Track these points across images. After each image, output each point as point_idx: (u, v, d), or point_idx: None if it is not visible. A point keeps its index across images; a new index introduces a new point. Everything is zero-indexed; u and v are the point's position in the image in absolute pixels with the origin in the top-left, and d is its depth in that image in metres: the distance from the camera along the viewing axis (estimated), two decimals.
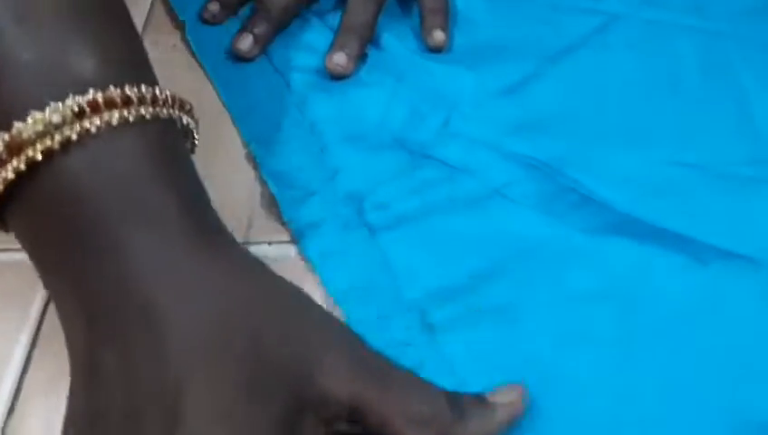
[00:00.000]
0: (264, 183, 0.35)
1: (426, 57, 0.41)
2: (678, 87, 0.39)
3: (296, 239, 0.33)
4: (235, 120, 0.38)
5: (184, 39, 0.42)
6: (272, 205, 0.34)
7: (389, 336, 0.30)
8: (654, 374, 0.29)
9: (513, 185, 0.35)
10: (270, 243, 0.33)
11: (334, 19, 0.42)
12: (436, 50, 0.40)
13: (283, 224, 0.34)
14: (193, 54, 0.41)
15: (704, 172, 0.35)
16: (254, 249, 0.31)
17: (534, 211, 0.34)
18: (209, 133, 0.36)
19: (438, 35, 0.40)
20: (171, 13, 0.44)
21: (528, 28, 0.42)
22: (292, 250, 0.33)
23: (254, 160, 0.36)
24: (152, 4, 0.44)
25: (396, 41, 0.41)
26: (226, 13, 0.42)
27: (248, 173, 0.36)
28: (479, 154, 0.36)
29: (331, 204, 0.34)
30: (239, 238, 0.32)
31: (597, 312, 0.30)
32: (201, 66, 0.40)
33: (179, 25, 0.43)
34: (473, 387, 0.27)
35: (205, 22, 0.42)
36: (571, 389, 0.28)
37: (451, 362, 0.29)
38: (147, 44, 0.29)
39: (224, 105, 0.39)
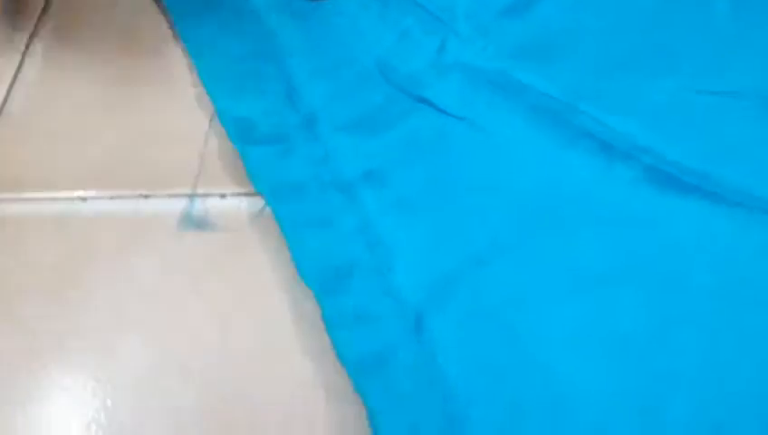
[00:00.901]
0: (218, 127, 0.30)
1: None
2: (708, 4, 0.32)
3: (266, 200, 0.27)
4: (189, 53, 0.32)
5: None
6: (226, 151, 0.29)
7: (374, 336, 0.24)
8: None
9: (521, 132, 0.29)
10: (223, 195, 0.28)
11: None
12: None
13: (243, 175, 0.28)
14: None
15: (741, 100, 0.28)
16: (203, 203, 0.27)
17: (546, 165, 0.28)
18: (157, 66, 0.31)
19: None
20: None
21: None
22: (245, 204, 0.27)
23: (208, 101, 0.30)
24: None
25: None
26: None
27: (200, 116, 0.30)
28: (479, 92, 0.30)
29: (306, 161, 0.28)
30: (186, 190, 0.27)
31: (621, 297, 0.24)
32: None
33: None
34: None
35: None
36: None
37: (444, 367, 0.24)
38: None
39: (175, 34, 0.33)
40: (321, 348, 0.23)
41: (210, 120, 0.30)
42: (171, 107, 0.30)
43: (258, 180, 0.28)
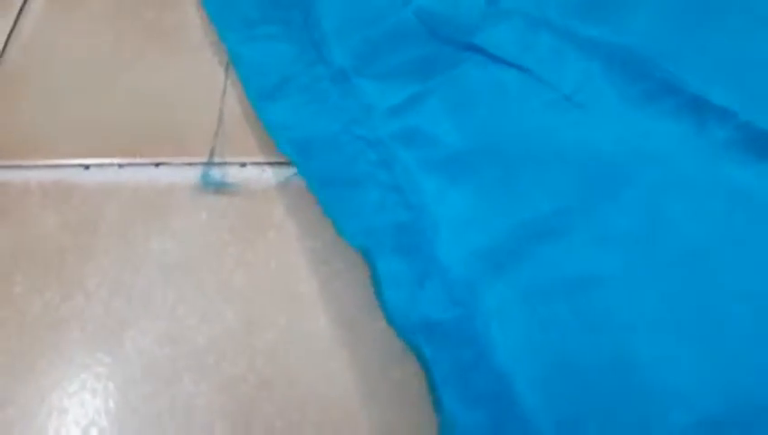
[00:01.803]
0: (236, 84, 0.26)
1: None
2: None
3: (291, 159, 0.23)
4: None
5: None
6: (246, 112, 0.25)
7: (417, 308, 0.21)
8: None
9: (588, 87, 0.25)
10: (244, 164, 0.24)
11: None
12: None
13: (265, 141, 0.25)
14: None
15: None
16: (222, 172, 0.23)
17: (622, 123, 0.24)
18: (167, 16, 0.28)
19: None
20: None
21: None
22: (270, 173, 0.24)
23: (224, 53, 0.27)
24: None
25: None
26: None
27: (217, 71, 0.27)
28: (539, 43, 0.26)
29: (335, 114, 0.25)
30: (203, 157, 0.24)
31: (715, 275, 0.21)
32: None
33: None
34: None
35: None
36: None
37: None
38: None
39: None
40: (354, 325, 0.20)
41: (226, 74, 0.26)
42: (183, 62, 0.27)
43: (281, 138, 0.24)
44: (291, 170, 0.24)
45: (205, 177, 0.23)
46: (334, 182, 0.23)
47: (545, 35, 0.26)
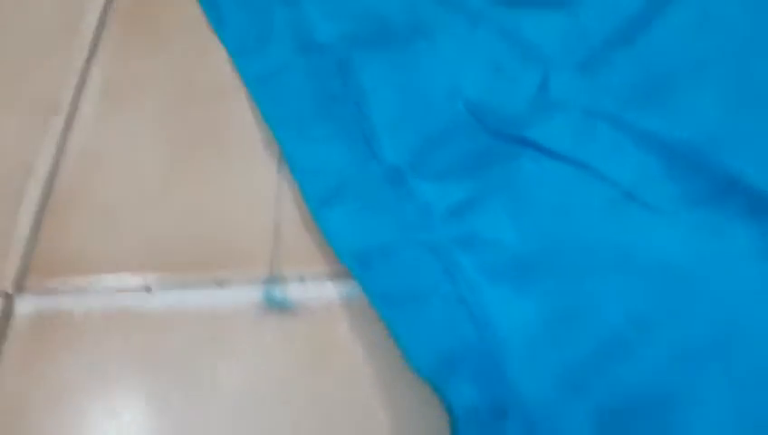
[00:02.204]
0: (293, 186, 0.26)
1: (500, 1, 0.29)
2: None
3: (349, 271, 0.23)
4: (253, 96, 0.28)
5: None
6: (304, 220, 0.25)
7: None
8: None
9: (649, 183, 0.24)
10: (303, 278, 0.24)
11: None
12: None
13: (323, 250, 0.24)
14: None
15: None
16: (284, 288, 0.23)
17: (685, 225, 0.23)
18: (220, 115, 0.27)
19: None
20: None
21: None
22: (332, 289, 0.24)
23: (278, 152, 0.27)
24: None
25: None
26: None
27: (271, 172, 0.26)
28: (595, 136, 0.25)
29: (393, 220, 0.24)
30: (257, 273, 0.23)
31: None
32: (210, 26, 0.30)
33: None
34: None
35: None
36: None
37: None
38: None
39: (239, 76, 0.29)
40: None
41: (279, 175, 0.26)
42: (236, 163, 0.26)
43: (340, 247, 0.24)
44: (352, 284, 0.23)
45: (267, 296, 0.23)
46: (397, 298, 0.23)
47: (601, 127, 0.25)
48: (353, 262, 0.23)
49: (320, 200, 0.25)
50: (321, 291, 0.23)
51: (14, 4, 0.32)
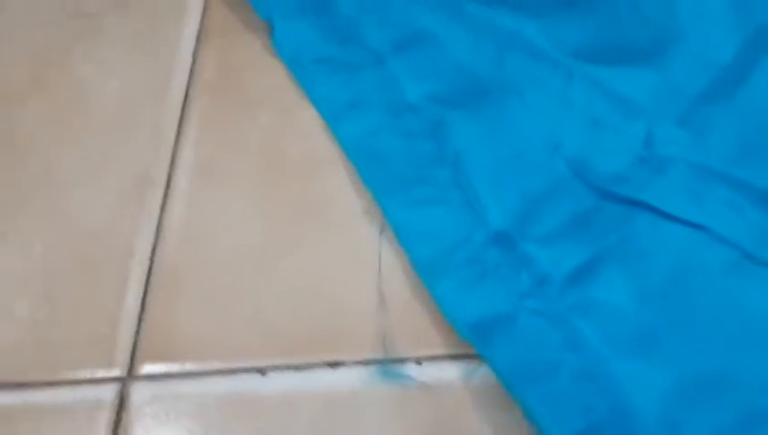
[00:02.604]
0: (398, 254, 0.25)
1: (591, 57, 0.28)
2: None
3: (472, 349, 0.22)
4: (352, 160, 0.28)
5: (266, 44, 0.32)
6: (413, 290, 0.24)
7: None
8: None
9: None
10: (419, 361, 0.23)
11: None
12: None
13: (436, 322, 0.24)
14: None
15: None
16: (399, 370, 0.22)
17: None
18: (315, 187, 0.27)
19: None
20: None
21: None
22: (453, 372, 0.23)
23: (380, 220, 0.26)
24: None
25: (549, 39, 0.28)
26: None
27: (372, 240, 0.26)
28: (710, 195, 0.24)
29: (507, 288, 0.23)
30: (370, 352, 0.23)
31: None
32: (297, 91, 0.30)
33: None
34: None
35: None
36: None
37: None
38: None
39: (331, 143, 0.28)
40: None
41: (380, 247, 0.25)
42: (337, 237, 0.26)
43: (456, 319, 0.23)
44: (474, 363, 0.22)
45: (382, 376, 0.22)
46: (523, 372, 0.22)
47: (714, 186, 0.24)
48: (472, 334, 0.23)
49: (430, 268, 0.24)
50: (440, 369, 0.23)
51: (100, 73, 0.32)
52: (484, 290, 0.24)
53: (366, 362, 0.23)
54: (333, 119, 0.29)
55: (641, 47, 0.28)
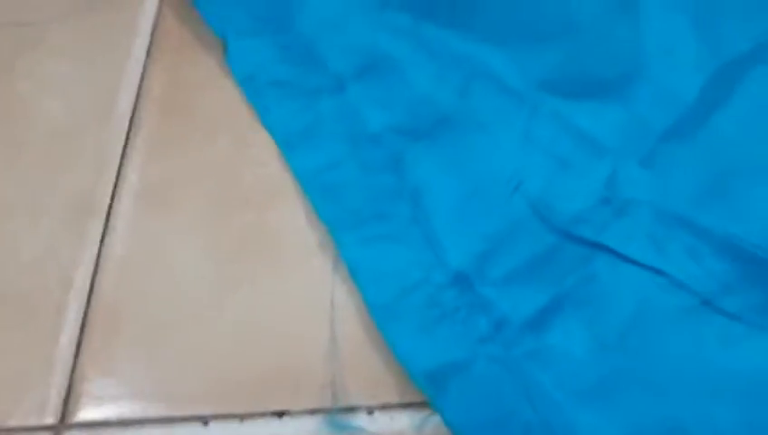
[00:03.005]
0: (351, 293, 0.24)
1: (554, 93, 0.27)
2: None
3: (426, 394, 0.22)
4: (306, 193, 0.26)
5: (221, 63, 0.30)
6: (367, 333, 0.23)
7: None
8: None
9: (728, 291, 0.23)
10: (371, 410, 0.22)
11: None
12: None
13: (390, 369, 0.23)
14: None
15: None
16: (348, 421, 0.22)
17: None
18: (266, 213, 0.26)
19: None
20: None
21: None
22: (405, 421, 0.22)
23: (333, 257, 0.25)
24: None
25: (514, 70, 0.28)
26: None
27: (326, 278, 0.25)
28: (670, 241, 0.24)
29: (465, 333, 0.23)
30: (319, 401, 0.22)
31: None
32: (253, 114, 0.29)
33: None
34: None
35: None
36: None
37: None
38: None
39: (287, 171, 0.27)
40: None
41: (335, 282, 0.24)
42: (289, 273, 0.25)
43: (411, 366, 0.22)
44: (426, 411, 0.22)
45: (332, 428, 0.21)
46: (477, 426, 0.21)
47: (677, 231, 0.24)
48: (426, 383, 0.22)
49: (384, 311, 0.23)
50: (391, 418, 0.22)
51: (40, 89, 0.30)
52: (440, 335, 0.23)
53: (314, 412, 0.22)
54: (287, 147, 0.28)
55: (608, 81, 0.28)
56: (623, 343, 0.23)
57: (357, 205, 0.26)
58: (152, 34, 0.31)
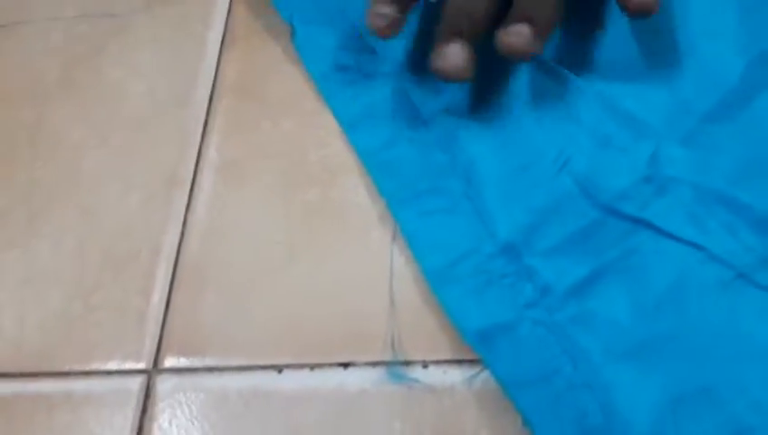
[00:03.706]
0: (409, 262, 0.27)
1: (599, 74, 0.29)
2: None
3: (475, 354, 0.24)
4: (367, 169, 0.29)
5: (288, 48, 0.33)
6: (423, 297, 0.26)
7: None
8: None
9: (766, 264, 0.24)
10: (425, 364, 0.25)
11: None
12: (641, 12, 0.26)
13: (444, 328, 0.25)
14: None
15: None
16: (406, 372, 0.24)
17: None
18: (332, 187, 0.28)
19: None
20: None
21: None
22: (457, 375, 0.24)
23: (393, 227, 0.28)
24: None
25: (561, 54, 0.29)
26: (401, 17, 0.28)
27: (386, 246, 0.27)
28: (708, 217, 0.25)
29: (510, 298, 0.25)
30: (379, 355, 0.24)
31: None
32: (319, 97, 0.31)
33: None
34: None
35: (376, 32, 0.28)
36: None
37: None
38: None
39: (350, 150, 0.30)
40: None
41: (391, 256, 0.27)
42: (352, 241, 0.27)
43: (462, 325, 0.25)
44: (477, 368, 0.24)
45: (391, 379, 0.24)
46: (522, 380, 0.24)
47: (715, 208, 0.25)
48: (476, 341, 0.24)
49: (439, 277, 0.26)
50: (444, 372, 0.24)
51: (128, 75, 0.33)
52: (489, 299, 0.25)
53: (375, 364, 0.24)
54: (349, 126, 0.30)
55: (653, 62, 0.29)
56: (661, 310, 0.24)
57: (413, 180, 0.28)
58: (226, 24, 0.34)
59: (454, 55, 0.27)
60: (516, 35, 0.26)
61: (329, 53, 0.32)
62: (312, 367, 0.25)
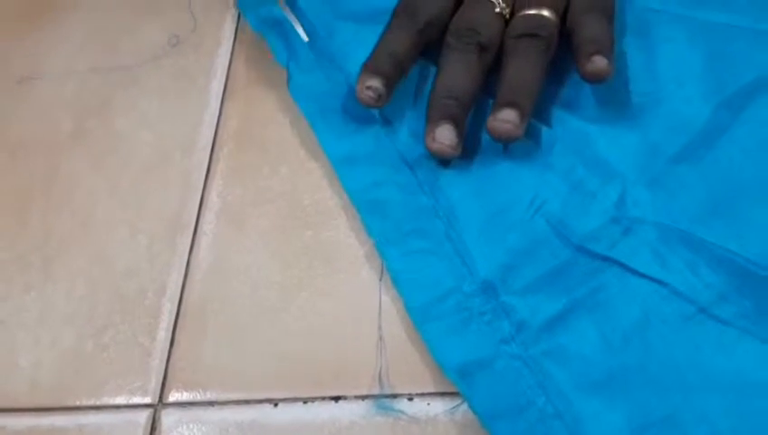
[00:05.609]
0: (396, 300, 0.29)
1: (574, 116, 0.31)
2: None
3: (455, 383, 0.26)
4: (358, 210, 0.31)
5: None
6: (408, 333, 0.28)
7: None
8: None
9: (722, 300, 0.26)
10: (411, 397, 0.27)
11: None
12: (595, 79, 0.30)
13: (427, 363, 0.27)
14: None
15: None
16: (393, 405, 0.26)
17: (759, 340, 0.25)
18: (324, 230, 0.31)
19: (599, 60, 0.29)
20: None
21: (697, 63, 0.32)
22: (439, 407, 0.26)
23: (380, 266, 0.30)
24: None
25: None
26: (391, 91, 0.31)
27: (374, 284, 0.29)
28: (672, 255, 0.27)
29: (488, 334, 0.27)
30: (368, 388, 0.26)
31: None
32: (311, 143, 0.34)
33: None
34: None
35: (364, 104, 0.31)
36: None
37: None
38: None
39: (341, 194, 0.32)
40: None
41: (380, 292, 0.29)
42: (344, 281, 0.29)
43: (443, 361, 0.27)
44: (457, 400, 0.26)
45: (379, 411, 0.26)
46: (498, 412, 0.26)
47: (677, 247, 0.27)
48: (456, 376, 0.26)
49: (422, 314, 0.28)
50: (428, 404, 0.26)
51: (135, 124, 0.36)
52: (469, 335, 0.27)
53: (364, 397, 0.26)
54: (340, 166, 0.32)
55: (624, 106, 0.31)
56: (628, 344, 0.26)
57: (399, 222, 0.30)
58: (227, 75, 0.36)
59: (445, 137, 0.30)
60: (504, 122, 0.29)
61: (322, 97, 0.34)
62: (306, 401, 0.27)
